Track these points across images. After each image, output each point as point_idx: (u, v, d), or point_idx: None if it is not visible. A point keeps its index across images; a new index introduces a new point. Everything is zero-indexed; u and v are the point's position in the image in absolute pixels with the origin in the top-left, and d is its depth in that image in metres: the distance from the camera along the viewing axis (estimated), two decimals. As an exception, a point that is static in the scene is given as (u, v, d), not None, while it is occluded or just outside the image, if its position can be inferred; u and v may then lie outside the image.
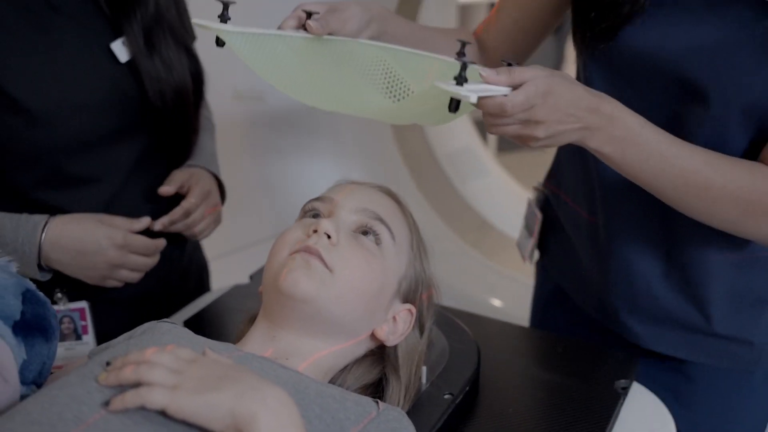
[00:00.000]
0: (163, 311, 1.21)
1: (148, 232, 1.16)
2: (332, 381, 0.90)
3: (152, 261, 1.15)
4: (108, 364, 0.71)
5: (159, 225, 1.16)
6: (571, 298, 1.25)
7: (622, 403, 1.02)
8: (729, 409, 1.13)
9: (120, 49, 1.13)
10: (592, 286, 1.18)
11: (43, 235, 1.07)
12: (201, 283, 1.42)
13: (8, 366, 0.73)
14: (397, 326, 0.92)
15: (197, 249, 1.41)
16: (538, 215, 1.30)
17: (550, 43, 4.13)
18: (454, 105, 0.77)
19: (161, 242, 1.16)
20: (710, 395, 1.13)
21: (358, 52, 0.98)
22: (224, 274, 1.55)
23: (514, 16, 1.16)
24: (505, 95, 0.79)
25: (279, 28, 0.95)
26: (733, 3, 0.91)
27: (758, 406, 1.16)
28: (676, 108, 0.98)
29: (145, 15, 1.14)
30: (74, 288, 1.15)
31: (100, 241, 1.09)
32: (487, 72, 0.79)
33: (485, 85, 0.79)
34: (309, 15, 0.94)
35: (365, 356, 0.93)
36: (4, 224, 1.07)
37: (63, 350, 1.16)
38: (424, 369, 0.98)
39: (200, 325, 1.23)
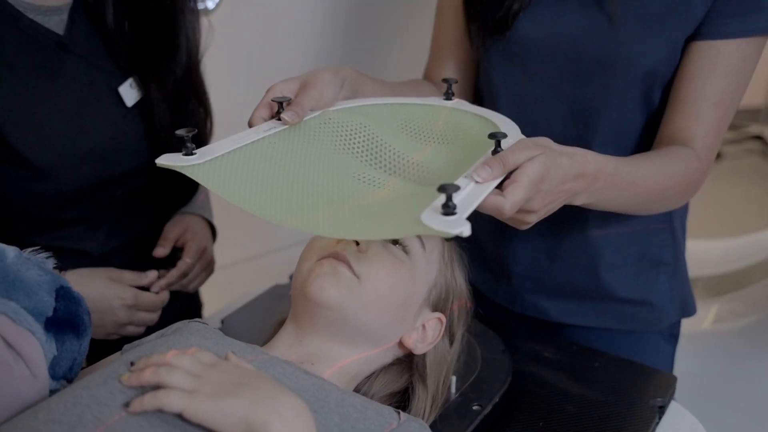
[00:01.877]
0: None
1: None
2: (358, 387, 0.90)
3: (156, 316, 1.14)
4: (132, 364, 0.72)
5: (157, 288, 1.15)
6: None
7: (658, 422, 0.99)
8: None
9: (128, 93, 1.11)
10: (498, 274, 1.25)
11: None
12: (192, 309, 1.41)
13: (37, 362, 0.75)
14: (426, 335, 0.91)
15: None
16: None
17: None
18: (452, 236, 0.64)
19: (166, 297, 1.16)
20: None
21: (334, 122, 0.91)
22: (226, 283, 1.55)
23: (454, 55, 1.19)
24: (500, 189, 0.75)
25: (249, 121, 0.89)
26: None
27: (663, 365, 1.21)
28: (577, 89, 1.05)
29: (177, 77, 1.13)
30: None
31: (111, 302, 1.07)
32: (482, 175, 0.74)
33: (475, 189, 0.72)
34: (281, 105, 0.88)
35: (392, 364, 0.92)
36: None
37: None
38: (453, 379, 0.97)
39: (237, 323, 1.25)
